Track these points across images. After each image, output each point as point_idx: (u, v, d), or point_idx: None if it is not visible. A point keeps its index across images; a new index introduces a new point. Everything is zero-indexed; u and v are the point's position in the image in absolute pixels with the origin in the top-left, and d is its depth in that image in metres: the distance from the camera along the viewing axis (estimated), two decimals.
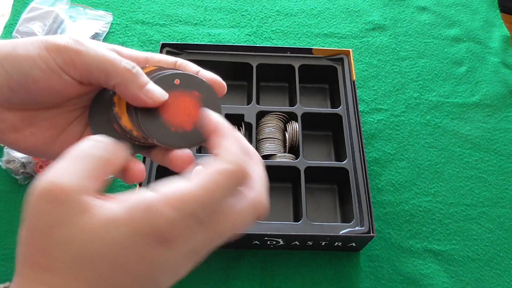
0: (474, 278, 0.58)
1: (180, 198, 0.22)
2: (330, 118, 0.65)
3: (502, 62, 0.79)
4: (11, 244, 0.56)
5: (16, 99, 0.29)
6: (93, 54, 0.28)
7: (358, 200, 0.56)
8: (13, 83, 0.28)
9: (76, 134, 0.32)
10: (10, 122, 0.30)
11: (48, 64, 0.27)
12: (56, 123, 0.31)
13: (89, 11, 0.79)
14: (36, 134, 0.31)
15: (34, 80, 0.28)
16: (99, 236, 0.21)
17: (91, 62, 0.28)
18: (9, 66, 0.27)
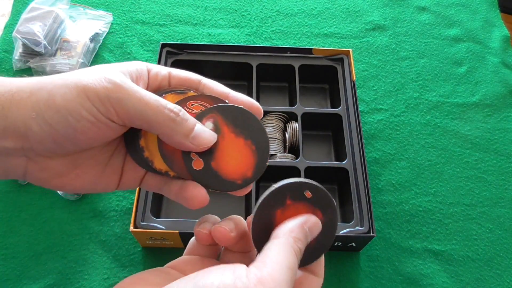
0: (474, 278, 0.58)
1: None
2: (330, 118, 0.65)
3: (502, 62, 0.79)
4: (11, 244, 0.56)
5: (60, 150, 0.27)
6: (135, 102, 0.26)
7: (358, 200, 0.56)
8: (59, 137, 0.26)
9: (119, 164, 0.31)
10: (54, 170, 0.28)
11: (95, 116, 0.26)
12: (99, 160, 0.30)
13: (89, 11, 0.79)
14: (82, 175, 0.29)
15: (82, 131, 0.26)
16: None
17: (132, 112, 0.27)
18: (51, 119, 0.26)
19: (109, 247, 0.56)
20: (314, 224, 0.28)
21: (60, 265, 0.55)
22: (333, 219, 0.29)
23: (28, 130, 0.25)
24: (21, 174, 0.28)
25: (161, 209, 0.59)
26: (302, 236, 0.27)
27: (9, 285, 0.53)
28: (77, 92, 0.26)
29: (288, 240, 0.26)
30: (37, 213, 0.58)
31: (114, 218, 0.59)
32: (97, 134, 0.27)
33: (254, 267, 0.24)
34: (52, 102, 0.26)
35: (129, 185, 0.31)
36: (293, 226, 0.27)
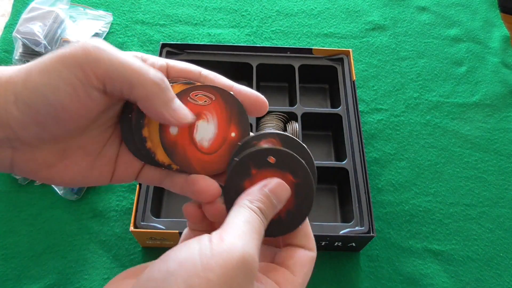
0: (474, 278, 0.58)
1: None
2: (330, 118, 0.65)
3: (502, 62, 0.79)
4: (11, 244, 0.56)
5: (46, 133, 0.25)
6: (116, 61, 0.25)
7: (358, 200, 0.56)
8: (40, 117, 0.24)
9: (112, 155, 0.30)
10: (42, 160, 0.27)
11: (73, 85, 0.24)
12: (89, 150, 0.28)
13: (89, 11, 0.79)
14: (71, 166, 0.28)
15: (62, 107, 0.24)
16: None
17: (113, 70, 0.25)
18: (30, 99, 0.24)
19: (109, 247, 0.56)
20: (277, 185, 0.27)
21: (60, 265, 0.55)
22: (306, 179, 0.28)
23: (9, 117, 0.24)
24: (8, 166, 0.26)
25: (161, 209, 0.59)
26: (259, 197, 0.26)
27: (9, 285, 0.53)
28: (53, 64, 0.24)
29: (243, 202, 0.26)
30: (37, 213, 0.58)
31: (114, 218, 0.59)
32: (79, 108, 0.25)
33: (216, 231, 0.24)
34: (29, 81, 0.24)
35: (123, 179, 0.30)
36: (250, 191, 0.27)
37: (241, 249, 0.23)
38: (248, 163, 0.28)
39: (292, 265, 0.28)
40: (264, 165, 0.28)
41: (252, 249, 0.23)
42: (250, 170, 0.28)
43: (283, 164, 0.28)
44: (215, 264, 0.22)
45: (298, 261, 0.28)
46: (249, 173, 0.28)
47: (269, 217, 0.27)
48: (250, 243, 0.24)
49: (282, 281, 0.26)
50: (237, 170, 0.28)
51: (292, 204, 0.28)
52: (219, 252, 0.22)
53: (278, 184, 0.27)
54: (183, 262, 0.22)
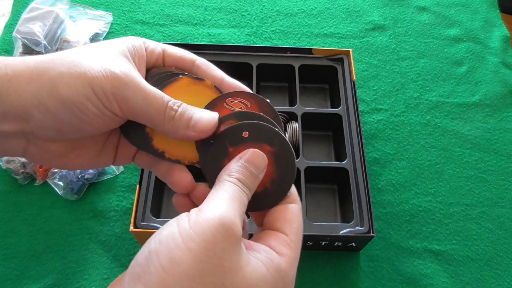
0: (474, 278, 0.58)
1: (294, 263, 0.27)
2: (330, 118, 0.65)
3: (502, 62, 0.79)
4: (11, 244, 0.56)
5: (63, 137, 0.28)
6: (140, 100, 0.27)
7: (358, 200, 0.56)
8: (63, 126, 0.26)
9: (114, 143, 0.32)
10: (55, 152, 0.28)
11: (100, 110, 0.26)
12: (97, 140, 0.31)
13: (89, 11, 0.79)
14: (81, 155, 0.30)
15: (88, 123, 0.27)
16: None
17: (136, 110, 0.27)
18: (56, 109, 0.25)
19: (109, 247, 0.56)
20: (251, 155, 0.28)
21: (60, 265, 0.55)
22: (283, 145, 0.28)
23: (29, 116, 0.25)
24: (21, 153, 0.28)
25: (161, 209, 0.59)
26: (238, 169, 0.27)
27: (9, 285, 0.53)
28: (82, 85, 0.26)
29: (222, 177, 0.27)
30: (37, 213, 0.58)
31: (114, 218, 0.59)
32: (102, 125, 0.27)
33: (193, 210, 0.24)
34: (56, 92, 0.25)
35: (123, 161, 0.32)
36: (227, 166, 0.28)
37: (219, 214, 0.23)
38: (224, 142, 0.28)
39: (280, 226, 0.28)
40: (240, 141, 0.28)
41: (231, 214, 0.24)
42: (227, 149, 0.28)
43: (258, 136, 0.28)
44: (194, 234, 0.22)
45: (284, 219, 0.28)
46: (226, 152, 0.28)
47: (252, 186, 0.27)
48: (229, 209, 0.24)
49: (275, 243, 0.26)
50: (215, 151, 0.28)
51: (275, 173, 0.29)
52: (197, 222, 0.23)
53: (252, 152, 0.28)
54: (164, 240, 0.23)
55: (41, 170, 0.60)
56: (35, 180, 0.60)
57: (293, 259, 0.26)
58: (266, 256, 0.25)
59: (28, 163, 0.59)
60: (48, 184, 0.60)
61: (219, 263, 0.22)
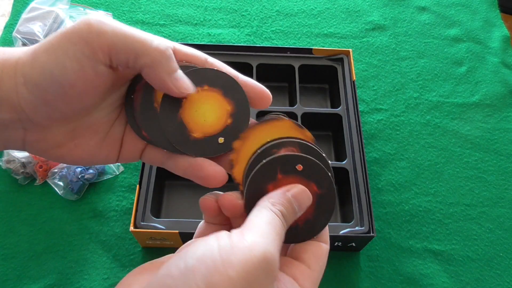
0: (474, 278, 0.58)
1: None
2: (330, 118, 0.65)
3: (502, 62, 0.79)
4: (11, 244, 0.56)
5: (55, 113, 0.26)
6: (119, 33, 0.25)
7: (358, 200, 0.56)
8: (48, 96, 0.25)
9: (118, 135, 0.30)
10: (52, 140, 0.27)
11: (78, 61, 0.24)
12: (98, 129, 0.29)
13: (89, 11, 0.79)
14: (81, 145, 0.29)
15: (70, 85, 0.25)
16: None
17: (117, 42, 0.25)
18: (38, 79, 0.24)
19: (109, 247, 0.56)
20: (300, 192, 0.27)
21: (60, 265, 0.55)
22: (330, 191, 0.28)
23: (20, 98, 0.25)
24: (20, 145, 0.27)
25: (161, 209, 0.59)
26: (282, 201, 0.26)
27: (9, 285, 0.53)
28: (58, 42, 0.24)
29: (265, 203, 0.26)
30: (37, 213, 0.58)
31: (114, 218, 0.59)
32: (86, 85, 0.25)
33: (236, 229, 0.24)
34: (36, 61, 0.24)
35: (129, 157, 0.31)
36: (272, 194, 0.27)
37: (263, 247, 0.22)
38: (276, 166, 0.27)
39: (307, 259, 0.27)
40: (291, 171, 0.27)
41: (274, 249, 0.23)
42: (277, 174, 0.28)
43: (310, 173, 0.28)
44: (235, 260, 0.21)
45: (313, 254, 0.28)
46: (274, 177, 0.28)
47: (289, 222, 0.26)
48: (272, 243, 0.23)
49: (299, 275, 0.26)
50: (263, 172, 0.27)
51: (312, 214, 0.28)
52: (240, 248, 0.22)
53: (302, 190, 0.27)
54: (202, 258, 0.21)
55: (41, 170, 0.60)
56: (35, 180, 0.60)
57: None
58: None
59: (28, 163, 0.59)
60: (48, 184, 0.60)
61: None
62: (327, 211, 0.29)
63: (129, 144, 0.30)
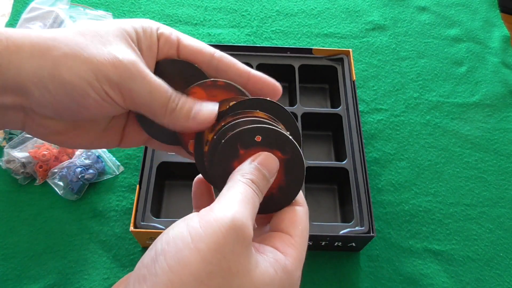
0: (474, 278, 0.58)
1: (300, 264, 0.27)
2: (330, 118, 0.65)
3: (502, 62, 0.79)
4: (11, 244, 0.56)
5: (59, 118, 0.27)
6: (145, 94, 0.27)
7: (358, 200, 0.56)
8: (60, 108, 0.26)
9: (120, 127, 0.31)
10: (52, 128, 0.28)
11: (102, 96, 0.26)
12: (99, 122, 0.30)
13: (89, 11, 0.79)
14: (81, 135, 0.29)
15: (85, 107, 0.26)
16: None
17: (139, 103, 0.27)
18: (55, 91, 0.25)
19: (109, 247, 0.56)
20: (265, 158, 0.27)
21: (60, 265, 0.55)
22: (295, 154, 0.28)
23: (28, 92, 0.25)
24: (20, 127, 0.27)
25: (161, 209, 0.59)
26: (250, 169, 0.26)
27: (9, 285, 0.53)
28: (85, 70, 0.25)
29: (235, 177, 0.26)
30: (37, 213, 0.58)
31: (114, 218, 0.59)
32: (100, 111, 0.27)
33: (204, 209, 0.24)
34: (57, 73, 0.25)
35: (131, 144, 0.32)
36: (240, 166, 0.27)
37: (231, 215, 0.22)
38: (236, 144, 0.28)
39: (285, 227, 0.27)
40: (252, 144, 0.28)
41: (244, 215, 0.23)
42: (238, 151, 0.28)
43: (271, 142, 0.28)
44: (204, 234, 0.21)
45: (290, 220, 0.28)
46: (237, 154, 0.28)
47: (263, 189, 0.27)
48: (242, 210, 0.23)
49: (279, 244, 0.26)
50: (225, 152, 0.28)
51: (283, 180, 0.28)
52: (208, 221, 0.22)
53: (266, 155, 0.28)
54: (171, 240, 0.22)
55: (41, 170, 0.60)
56: (35, 180, 0.60)
57: (298, 260, 0.26)
58: (273, 258, 0.25)
59: (28, 163, 0.59)
60: (48, 184, 0.60)
61: (227, 265, 0.21)
62: (298, 174, 0.29)
63: (131, 134, 0.31)
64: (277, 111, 0.29)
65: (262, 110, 0.29)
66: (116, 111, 0.28)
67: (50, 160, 0.60)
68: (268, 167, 0.27)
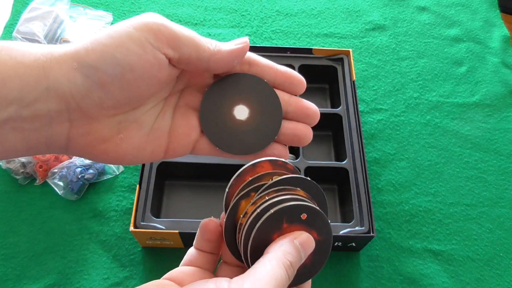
0: (474, 278, 0.58)
1: None
2: (330, 118, 0.65)
3: (502, 62, 0.79)
4: (11, 244, 0.56)
5: (109, 99, 0.26)
6: (183, 31, 0.27)
7: (358, 200, 0.56)
8: (106, 78, 0.25)
9: (165, 129, 0.30)
10: (97, 134, 0.27)
11: (142, 46, 0.25)
12: (143, 123, 0.29)
13: (89, 11, 0.79)
14: (126, 139, 0.28)
15: (130, 68, 0.25)
16: None
17: (182, 38, 0.27)
18: (97, 61, 0.25)
19: (109, 247, 0.56)
20: (306, 240, 0.27)
21: (60, 265, 0.55)
22: (327, 239, 0.29)
23: (71, 85, 0.25)
24: (64, 142, 0.27)
25: (161, 209, 0.59)
26: (292, 250, 0.26)
27: (9, 285, 0.53)
28: (123, 29, 0.25)
29: (276, 254, 0.25)
30: (37, 213, 0.58)
31: (114, 218, 0.59)
32: (144, 70, 0.26)
33: (238, 278, 0.23)
34: (96, 44, 0.25)
35: (178, 152, 0.31)
36: (283, 241, 0.27)
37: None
38: (283, 217, 0.27)
39: None
40: (296, 220, 0.28)
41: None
42: (282, 224, 0.28)
43: (312, 222, 0.28)
44: None
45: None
46: (280, 227, 0.28)
47: (296, 270, 0.26)
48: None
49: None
50: (270, 223, 0.28)
51: (310, 260, 0.28)
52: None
53: (307, 237, 0.27)
54: None
55: (41, 170, 0.60)
56: (35, 180, 0.60)
57: None
58: None
59: (28, 163, 0.59)
60: (48, 184, 0.60)
61: None
62: (324, 255, 0.29)
63: (179, 137, 0.31)
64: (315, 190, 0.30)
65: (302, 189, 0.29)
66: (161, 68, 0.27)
67: (50, 160, 0.60)
68: (306, 249, 0.27)
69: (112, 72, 0.25)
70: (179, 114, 0.31)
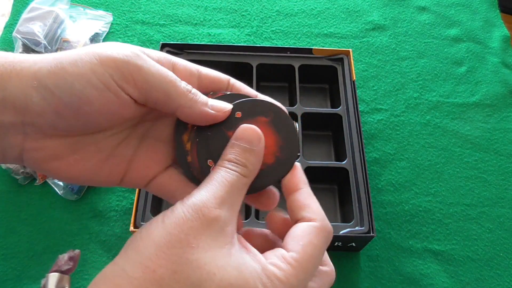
0: (474, 278, 0.58)
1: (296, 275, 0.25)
2: (330, 118, 0.65)
3: (502, 62, 0.79)
4: (11, 244, 0.56)
5: (63, 124, 0.25)
6: (155, 72, 0.25)
7: (358, 200, 0.56)
8: (61, 106, 0.24)
9: (125, 157, 0.29)
10: (51, 150, 0.26)
11: (105, 82, 0.24)
12: (102, 147, 0.28)
13: (89, 11, 0.79)
14: (81, 161, 0.27)
15: (88, 101, 0.24)
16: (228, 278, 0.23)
17: (152, 81, 0.25)
18: (56, 86, 0.24)
19: (109, 247, 0.56)
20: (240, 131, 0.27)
21: None
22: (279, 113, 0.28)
23: (28, 101, 0.24)
24: (17, 154, 0.26)
25: (161, 209, 0.59)
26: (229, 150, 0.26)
27: (9, 285, 0.53)
28: (89, 59, 0.24)
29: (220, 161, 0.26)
30: (37, 213, 0.58)
31: (114, 218, 0.59)
32: (104, 106, 0.25)
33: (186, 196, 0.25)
34: (59, 68, 0.24)
35: (134, 183, 0.30)
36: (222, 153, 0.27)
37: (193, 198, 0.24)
38: (221, 128, 0.27)
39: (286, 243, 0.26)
40: (235, 122, 0.27)
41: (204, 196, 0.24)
42: (226, 135, 0.27)
43: (251, 113, 0.28)
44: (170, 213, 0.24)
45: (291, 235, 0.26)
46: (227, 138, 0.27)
47: (247, 162, 0.26)
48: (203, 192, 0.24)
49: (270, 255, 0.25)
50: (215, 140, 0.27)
51: (277, 147, 0.27)
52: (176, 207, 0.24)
53: (241, 128, 0.27)
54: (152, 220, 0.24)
55: None
56: (35, 180, 0.60)
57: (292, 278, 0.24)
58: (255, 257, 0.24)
59: None
60: (48, 184, 0.60)
61: (186, 238, 0.23)
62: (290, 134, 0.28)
63: (138, 168, 0.29)
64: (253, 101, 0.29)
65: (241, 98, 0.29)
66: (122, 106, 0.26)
67: None
68: (245, 137, 0.27)
69: (68, 100, 0.24)
70: (145, 145, 0.30)
